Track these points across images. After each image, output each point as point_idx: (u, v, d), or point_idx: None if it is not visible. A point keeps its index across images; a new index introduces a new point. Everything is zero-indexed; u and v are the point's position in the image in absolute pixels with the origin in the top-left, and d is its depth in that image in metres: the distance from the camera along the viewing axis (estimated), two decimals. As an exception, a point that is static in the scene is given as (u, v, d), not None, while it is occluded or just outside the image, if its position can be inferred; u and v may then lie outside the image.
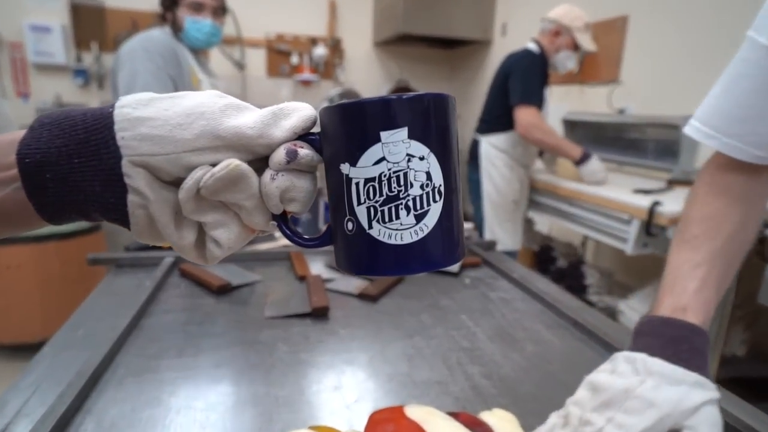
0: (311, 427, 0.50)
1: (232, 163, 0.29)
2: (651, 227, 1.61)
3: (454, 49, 4.61)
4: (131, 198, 0.29)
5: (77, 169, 0.29)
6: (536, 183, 2.39)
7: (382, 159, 0.29)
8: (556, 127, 2.62)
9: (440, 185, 0.29)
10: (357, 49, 4.61)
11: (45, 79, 3.72)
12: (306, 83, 4.53)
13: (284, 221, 0.32)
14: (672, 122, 2.01)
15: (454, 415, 0.49)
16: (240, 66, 4.21)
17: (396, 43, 4.36)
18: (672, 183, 2.00)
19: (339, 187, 0.30)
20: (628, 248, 1.73)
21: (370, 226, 0.30)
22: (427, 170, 0.29)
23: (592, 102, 2.85)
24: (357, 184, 0.29)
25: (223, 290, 0.88)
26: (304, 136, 0.31)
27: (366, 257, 0.31)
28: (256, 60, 4.37)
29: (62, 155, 0.29)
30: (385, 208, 0.29)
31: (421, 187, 0.29)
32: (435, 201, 0.29)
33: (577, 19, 2.17)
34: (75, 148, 0.29)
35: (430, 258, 0.30)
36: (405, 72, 4.70)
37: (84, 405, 0.54)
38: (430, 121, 0.29)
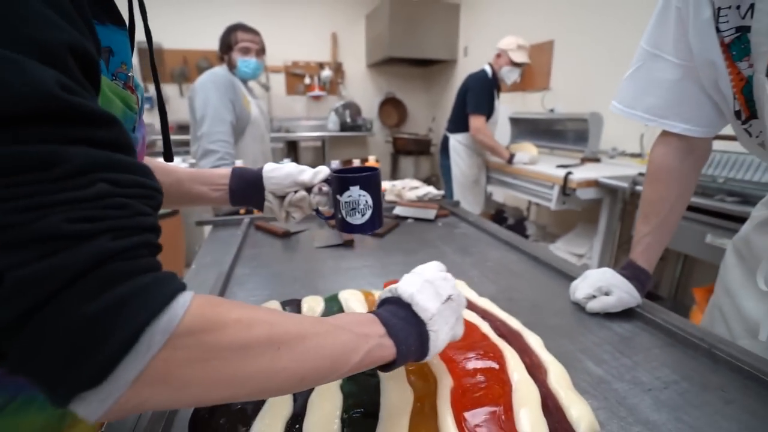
0: (352, 291, 0.72)
1: (300, 192, 0.60)
2: (566, 189, 1.82)
3: (429, 67, 4.69)
4: (266, 203, 0.61)
5: (250, 193, 0.61)
6: (494, 165, 2.53)
7: (350, 195, 0.57)
8: (504, 124, 2.79)
9: (371, 205, 0.58)
10: (354, 70, 4.70)
11: (121, 103, 3.79)
12: (317, 98, 4.63)
13: (318, 212, 0.63)
14: (583, 117, 2.20)
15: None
16: (266, 88, 4.32)
17: (385, 64, 4.45)
18: (583, 160, 2.20)
19: (337, 203, 0.59)
20: (552, 205, 1.94)
21: (346, 216, 0.58)
22: (366, 199, 0.57)
23: (530, 104, 3.02)
24: (341, 202, 0.58)
25: (286, 235, 1.09)
26: (325, 180, 0.61)
27: (346, 227, 0.59)
28: (278, 82, 4.47)
29: (243, 188, 0.61)
30: (351, 210, 0.58)
31: (364, 205, 0.58)
32: (369, 209, 0.58)
33: (511, 43, 2.31)
34: (250, 186, 0.61)
35: (366, 228, 0.59)
36: (392, 86, 4.80)
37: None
38: (368, 183, 0.58)
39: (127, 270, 0.23)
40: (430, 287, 0.41)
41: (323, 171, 0.60)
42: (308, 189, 0.61)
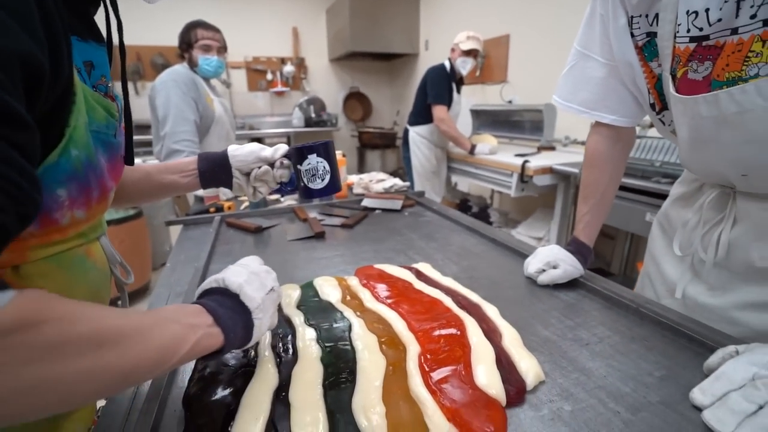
0: (325, 278, 0.76)
1: (264, 167, 0.64)
2: (524, 176, 1.94)
3: (391, 60, 4.74)
4: (234, 180, 0.65)
5: (218, 172, 0.65)
6: (456, 156, 2.62)
7: (309, 163, 0.64)
8: (465, 115, 2.88)
9: (329, 170, 0.64)
10: (317, 65, 4.67)
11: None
12: (280, 94, 4.58)
13: (282, 186, 0.69)
14: (538, 108, 2.32)
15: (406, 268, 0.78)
16: (227, 84, 4.23)
17: (347, 58, 4.47)
18: (540, 148, 2.33)
19: (298, 172, 0.65)
20: (512, 192, 2.05)
21: (308, 183, 0.64)
22: (323, 165, 0.64)
23: (490, 96, 3.13)
24: (302, 171, 0.64)
25: (258, 230, 1.12)
26: (285, 156, 0.66)
27: (309, 193, 0.65)
28: (239, 78, 4.38)
29: (211, 169, 0.64)
30: (311, 177, 0.64)
31: (322, 170, 0.64)
32: (327, 173, 0.64)
33: (461, 36, 2.40)
34: (217, 166, 0.65)
35: (327, 191, 0.66)
36: (356, 80, 4.81)
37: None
38: (324, 150, 0.64)
39: None
40: (257, 279, 0.44)
41: (282, 147, 0.67)
42: (271, 165, 0.67)
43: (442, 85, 2.40)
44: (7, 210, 0.25)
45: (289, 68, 4.45)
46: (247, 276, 0.44)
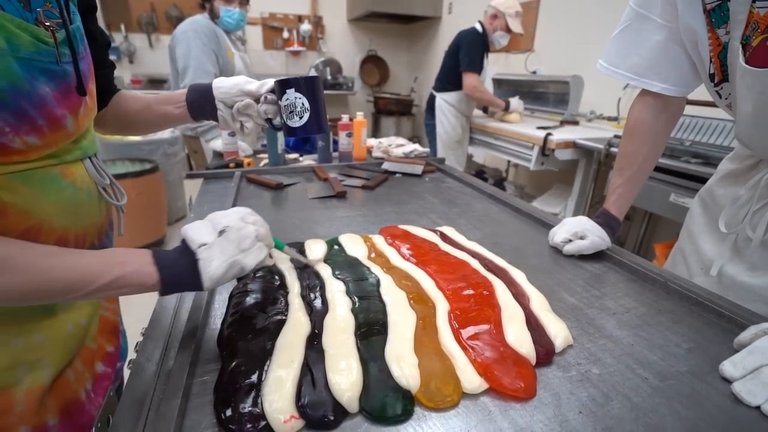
0: (350, 235, 0.77)
1: (246, 100, 0.62)
2: (545, 150, 1.90)
3: (412, 24, 4.57)
4: (218, 112, 0.63)
5: (204, 104, 0.64)
6: (477, 125, 2.57)
7: (287, 98, 0.61)
8: (488, 85, 2.81)
9: (308, 107, 0.61)
10: (335, 25, 4.53)
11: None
12: (295, 54, 4.47)
13: (269, 122, 0.66)
14: (565, 80, 2.25)
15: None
16: (242, 41, 4.13)
17: (366, 19, 4.32)
18: (563, 122, 2.27)
19: (279, 108, 0.62)
20: (531, 165, 2.02)
21: (287, 120, 0.62)
22: (302, 102, 0.61)
23: (514, 66, 3.03)
24: (282, 106, 0.61)
25: (279, 187, 1.12)
26: (271, 91, 0.63)
27: (288, 131, 0.63)
28: (255, 36, 4.28)
29: (197, 100, 0.64)
30: (289, 114, 0.61)
31: (300, 107, 0.61)
32: (306, 111, 0.61)
33: (511, 7, 2.25)
34: (203, 97, 0.64)
35: (305, 131, 0.62)
36: (374, 44, 4.68)
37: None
38: (303, 86, 0.61)
39: None
40: (207, 223, 0.47)
41: (269, 81, 0.64)
42: (257, 100, 0.64)
43: (477, 51, 2.29)
44: None
45: (306, 27, 4.32)
46: (196, 222, 0.47)
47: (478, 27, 2.33)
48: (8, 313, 0.44)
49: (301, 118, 0.61)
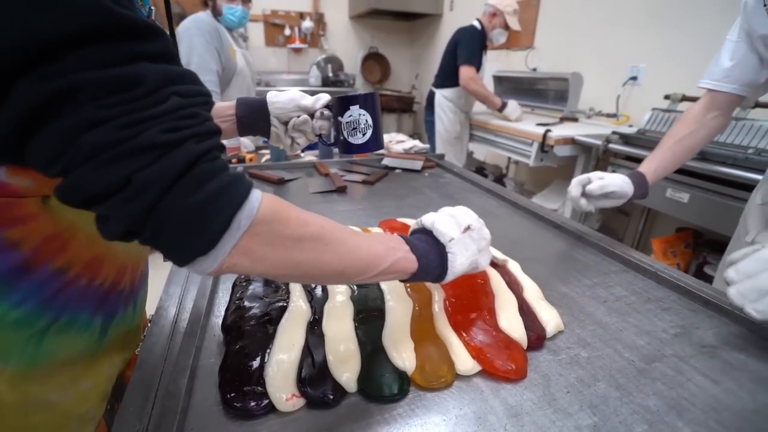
0: (350, 227, 0.79)
1: (303, 116, 0.62)
2: (544, 146, 1.91)
3: (413, 21, 4.57)
4: (272, 128, 0.63)
5: (256, 119, 0.63)
6: (477, 122, 2.56)
7: (351, 114, 0.61)
8: (488, 82, 2.81)
9: (371, 124, 0.61)
10: (336, 22, 4.52)
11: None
12: (297, 51, 4.47)
13: (321, 137, 0.66)
14: (564, 77, 2.25)
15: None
16: (244, 38, 4.14)
17: (368, 16, 4.31)
18: (562, 119, 2.28)
19: (339, 125, 0.62)
20: (530, 161, 2.03)
21: (348, 137, 0.62)
22: (366, 118, 0.61)
23: (515, 63, 3.03)
24: (343, 123, 0.61)
25: (281, 182, 1.14)
26: (327, 105, 0.63)
27: (349, 147, 0.63)
28: (256, 32, 4.28)
29: (249, 115, 0.63)
30: (352, 130, 0.61)
31: (364, 124, 0.61)
32: (369, 128, 0.62)
33: (509, 5, 2.26)
34: (255, 112, 0.63)
35: (368, 147, 0.63)
36: (375, 41, 4.67)
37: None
38: (368, 102, 0.61)
39: (212, 169, 0.29)
40: (451, 219, 0.47)
41: (324, 96, 0.64)
42: (311, 115, 0.64)
43: (474, 47, 2.29)
44: (211, 117, 0.31)
45: (307, 24, 4.32)
46: (442, 216, 0.47)
47: (477, 24, 2.33)
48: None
49: (364, 134, 0.61)
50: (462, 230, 0.46)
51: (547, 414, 0.40)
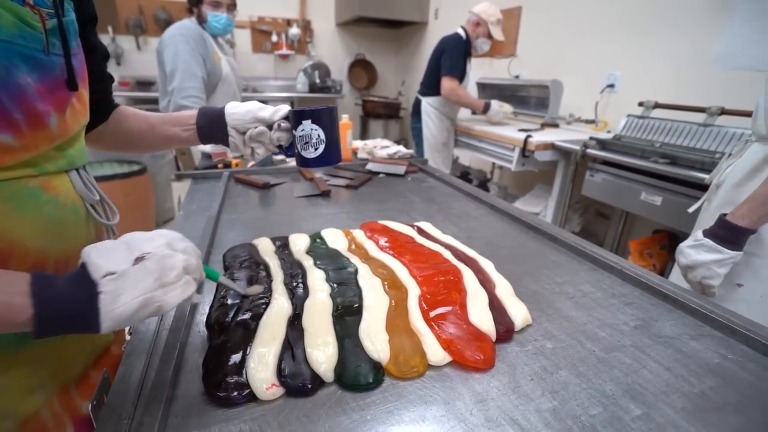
0: (332, 230, 0.81)
1: (260, 127, 0.63)
2: (525, 151, 1.97)
3: (399, 28, 4.62)
4: (230, 138, 0.64)
5: (215, 129, 0.64)
6: (461, 128, 2.61)
7: (303, 129, 0.62)
8: (472, 89, 2.87)
9: (323, 139, 0.62)
10: (323, 29, 4.56)
11: (73, 55, 3.57)
12: (284, 57, 4.49)
13: (280, 148, 0.66)
14: (545, 84, 2.32)
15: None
16: (231, 44, 4.15)
17: (354, 24, 4.36)
18: (543, 125, 2.35)
19: (293, 136, 0.63)
20: (512, 166, 2.08)
21: (301, 150, 0.63)
22: (318, 133, 0.62)
23: (498, 70, 3.11)
24: (296, 137, 0.63)
25: (266, 187, 1.16)
26: (285, 117, 0.64)
27: (302, 161, 0.64)
28: (243, 39, 4.29)
29: (208, 125, 0.64)
30: (304, 144, 0.63)
31: (316, 139, 0.62)
32: (321, 143, 0.63)
33: (492, 15, 2.33)
34: (214, 122, 0.64)
35: (320, 162, 0.63)
36: (362, 48, 4.72)
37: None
38: (320, 117, 0.62)
39: None
40: (120, 245, 0.36)
41: (283, 108, 0.64)
42: (270, 126, 0.63)
43: (458, 57, 2.34)
44: None
45: (294, 31, 4.35)
46: (107, 243, 0.36)
47: (462, 33, 2.39)
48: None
49: (316, 149, 0.61)
50: (134, 260, 0.35)
51: (511, 399, 0.43)
